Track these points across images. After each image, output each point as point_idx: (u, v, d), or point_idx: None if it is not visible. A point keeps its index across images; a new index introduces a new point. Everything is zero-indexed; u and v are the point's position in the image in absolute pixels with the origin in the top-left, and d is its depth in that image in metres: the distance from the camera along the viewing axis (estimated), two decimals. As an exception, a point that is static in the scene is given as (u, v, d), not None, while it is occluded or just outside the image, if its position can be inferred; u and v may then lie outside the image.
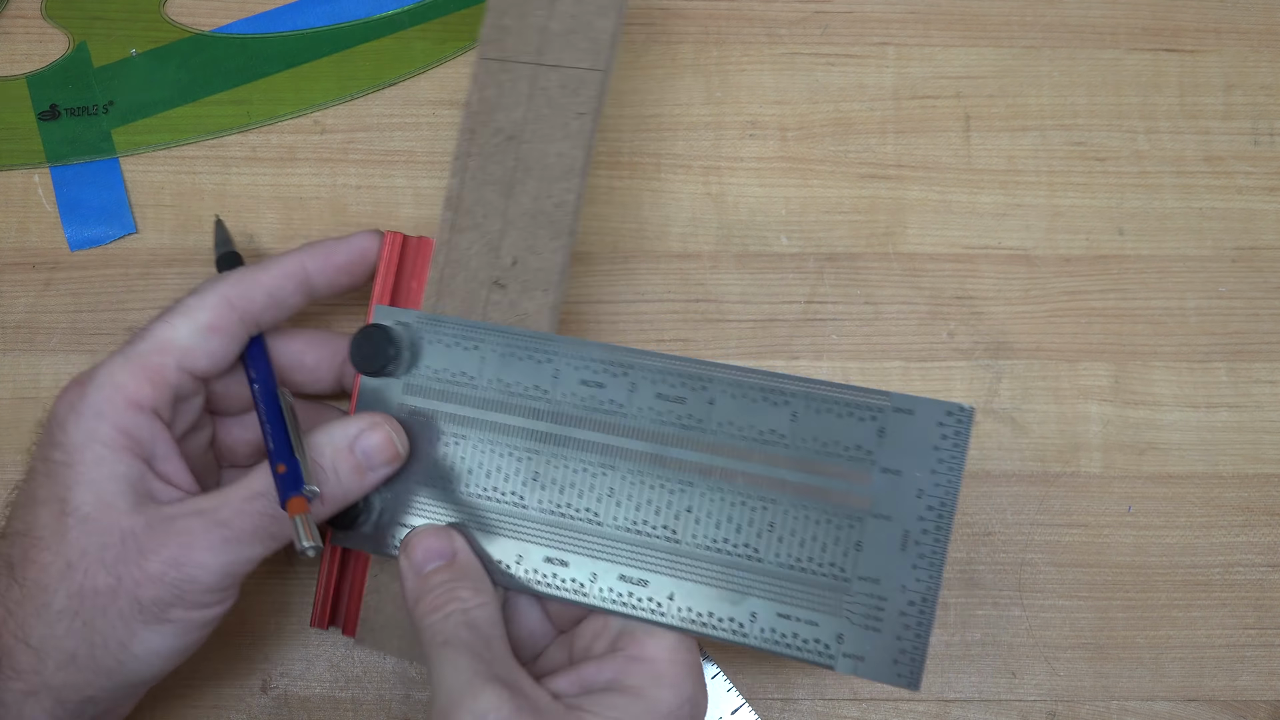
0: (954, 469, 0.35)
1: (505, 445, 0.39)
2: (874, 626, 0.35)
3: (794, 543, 0.36)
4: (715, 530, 0.37)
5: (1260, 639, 0.44)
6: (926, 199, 0.47)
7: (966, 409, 0.35)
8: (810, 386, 0.36)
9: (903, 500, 0.35)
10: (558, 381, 0.38)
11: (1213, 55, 0.48)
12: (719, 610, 0.36)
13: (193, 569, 0.35)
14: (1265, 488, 0.45)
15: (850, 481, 0.36)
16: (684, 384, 0.37)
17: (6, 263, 0.46)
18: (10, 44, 0.48)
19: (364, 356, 0.39)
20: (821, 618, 0.36)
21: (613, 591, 0.37)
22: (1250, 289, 0.47)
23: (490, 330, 0.39)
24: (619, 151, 0.47)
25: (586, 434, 0.38)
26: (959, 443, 0.35)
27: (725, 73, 0.48)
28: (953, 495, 0.35)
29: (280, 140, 0.47)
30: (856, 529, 0.35)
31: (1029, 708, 0.44)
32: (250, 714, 0.44)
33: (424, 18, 0.48)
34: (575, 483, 0.38)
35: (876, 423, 0.35)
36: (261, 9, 0.48)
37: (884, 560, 0.35)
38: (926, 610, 0.35)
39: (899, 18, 0.48)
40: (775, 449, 0.36)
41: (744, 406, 0.37)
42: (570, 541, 0.38)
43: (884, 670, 0.35)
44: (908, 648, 0.35)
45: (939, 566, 0.35)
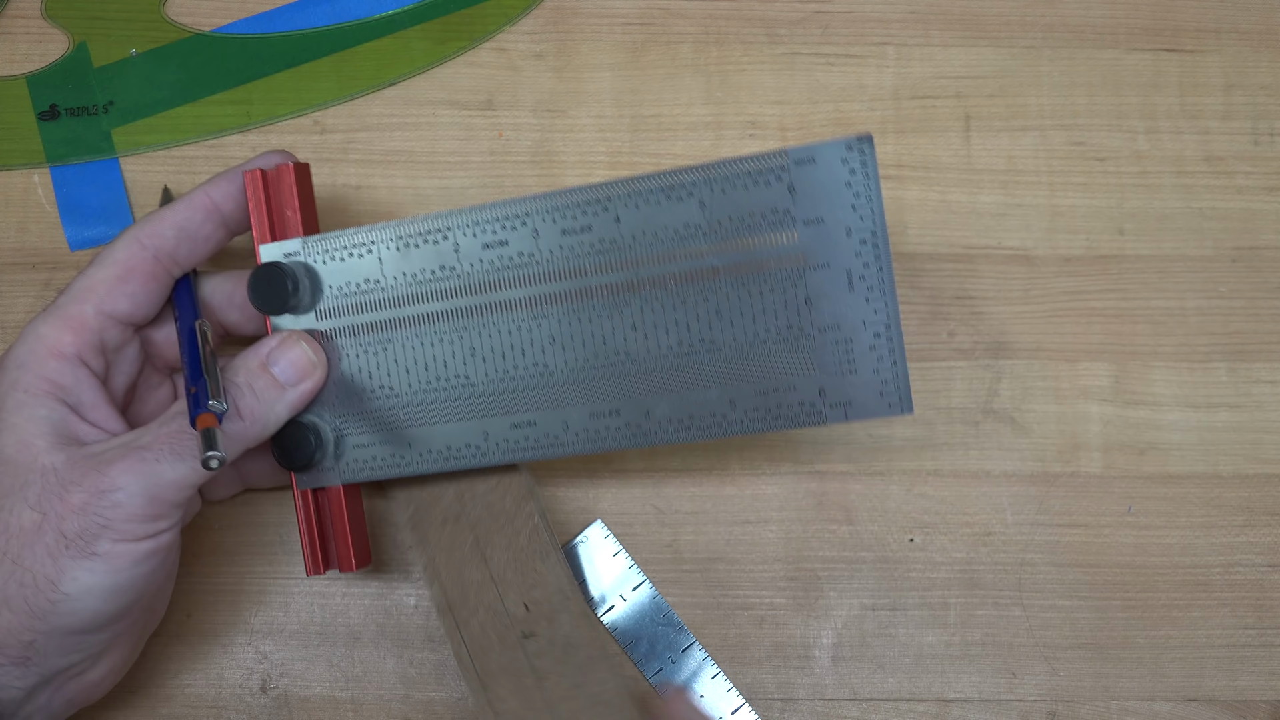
0: (872, 198, 0.35)
1: (433, 334, 0.39)
2: (849, 370, 0.36)
3: (745, 321, 0.36)
4: (665, 337, 0.37)
5: (1260, 639, 0.44)
6: (926, 199, 0.47)
7: (865, 137, 0.35)
8: (708, 171, 0.36)
9: (834, 244, 0.36)
10: (460, 254, 0.38)
11: (1213, 55, 0.48)
12: (697, 410, 0.37)
13: (114, 494, 0.35)
14: (1265, 488, 0.45)
15: (778, 245, 0.36)
16: (585, 212, 0.37)
17: (6, 263, 0.46)
18: (10, 44, 0.48)
19: (264, 299, 0.39)
20: (798, 380, 0.36)
21: (589, 430, 0.38)
22: (1250, 289, 0.47)
23: (377, 229, 0.39)
24: (619, 151, 0.47)
25: (507, 293, 0.38)
26: (869, 172, 0.35)
27: (725, 73, 0.48)
28: (881, 222, 0.35)
29: (280, 140, 0.47)
30: (800, 286, 0.36)
31: (1029, 708, 0.44)
32: (250, 714, 0.44)
33: (424, 18, 0.48)
34: (514, 344, 0.38)
35: (783, 182, 0.36)
36: (261, 9, 0.48)
37: (836, 305, 0.36)
38: (894, 337, 0.36)
39: (899, 18, 0.48)
40: (695, 242, 0.37)
41: (650, 213, 0.37)
42: (529, 400, 0.38)
43: (873, 406, 0.36)
44: (888, 377, 0.36)
45: (891, 292, 0.36)
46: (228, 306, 0.41)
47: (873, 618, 0.44)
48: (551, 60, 0.48)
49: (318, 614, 0.44)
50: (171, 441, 0.36)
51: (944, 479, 0.45)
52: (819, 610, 0.45)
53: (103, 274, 0.38)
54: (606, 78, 0.48)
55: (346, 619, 0.44)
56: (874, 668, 0.44)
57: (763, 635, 0.44)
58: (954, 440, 0.45)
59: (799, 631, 0.44)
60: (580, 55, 0.48)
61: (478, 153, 0.47)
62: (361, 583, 0.45)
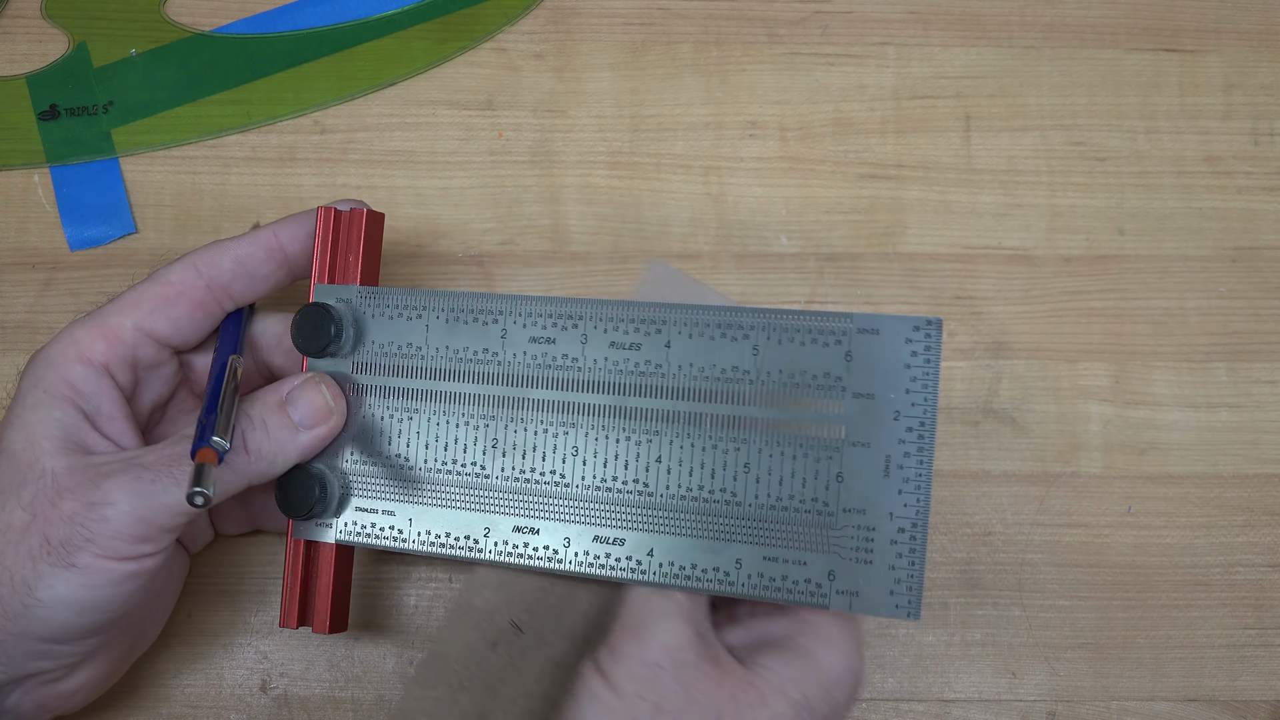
0: (929, 385, 0.33)
1: (460, 415, 0.38)
2: (865, 559, 0.34)
3: (772, 481, 0.35)
4: (688, 478, 0.35)
5: (1260, 639, 0.44)
6: (926, 199, 0.47)
7: (934, 321, 0.34)
8: (769, 318, 0.35)
9: (879, 424, 0.34)
10: (506, 342, 0.37)
11: (1213, 55, 0.48)
12: (702, 561, 0.35)
13: (104, 508, 0.34)
14: (1265, 488, 0.45)
15: (822, 411, 0.34)
16: (637, 329, 0.36)
17: (6, 263, 0.46)
18: (10, 44, 0.48)
19: (305, 337, 0.38)
20: (810, 556, 0.34)
21: (589, 555, 0.36)
22: (1250, 289, 0.47)
23: (431, 296, 0.38)
24: (619, 151, 0.47)
25: (542, 393, 0.37)
26: (930, 357, 0.33)
27: (725, 73, 0.48)
28: (931, 413, 0.33)
29: (280, 140, 0.47)
30: (835, 460, 0.34)
31: (1029, 708, 0.44)
32: (250, 714, 0.44)
33: (424, 18, 0.48)
34: (537, 445, 0.37)
35: (842, 347, 0.34)
36: (261, 9, 0.48)
37: (868, 489, 0.34)
38: (918, 536, 0.33)
39: (899, 18, 0.48)
40: (740, 386, 0.35)
41: (701, 346, 0.35)
42: (538, 507, 0.37)
43: (881, 603, 0.33)
44: (903, 577, 0.33)
45: (926, 489, 0.33)
46: (275, 349, 0.41)
47: (872, 617, 0.44)
48: (551, 60, 0.48)
49: (318, 614, 0.44)
50: (172, 465, 0.35)
51: (944, 479, 0.45)
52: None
53: (151, 291, 0.38)
54: (606, 78, 0.48)
55: (346, 619, 0.44)
56: (874, 668, 0.44)
57: (763, 635, 0.44)
58: (954, 440, 0.45)
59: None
60: (580, 55, 0.48)
61: (478, 153, 0.47)
62: (361, 583, 0.45)
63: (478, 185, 0.47)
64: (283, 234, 0.39)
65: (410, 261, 0.46)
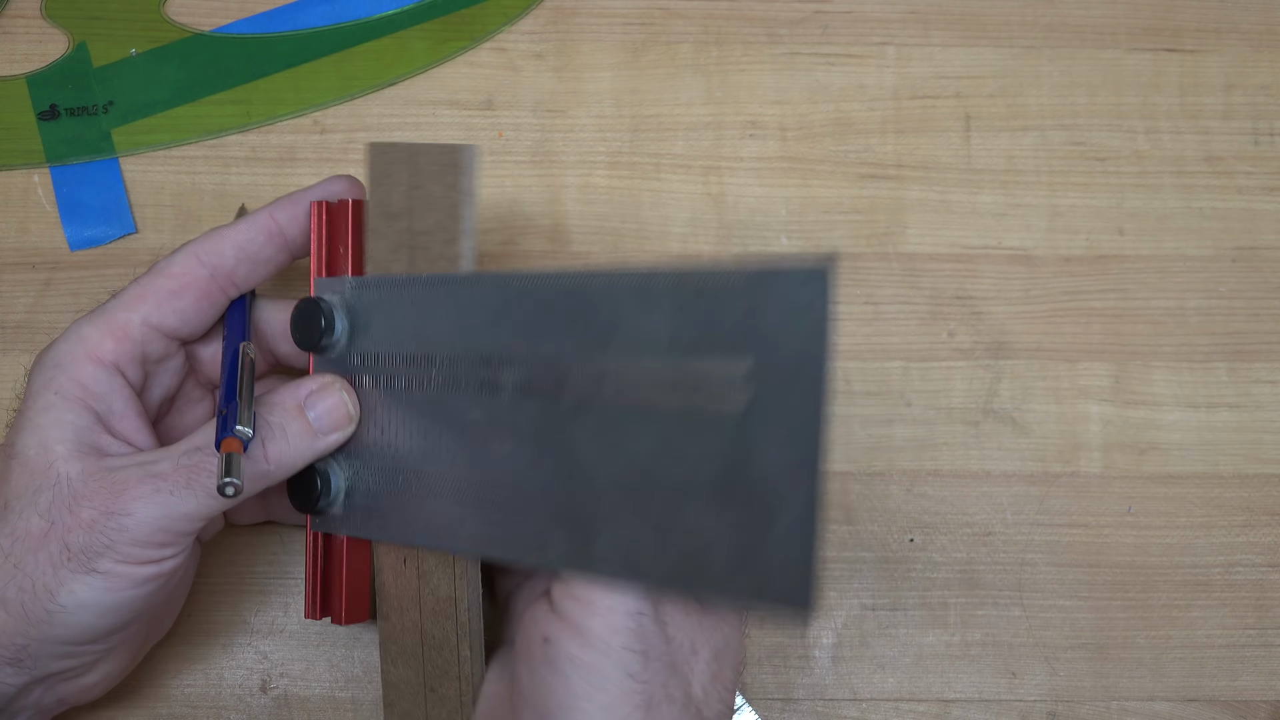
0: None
1: (473, 404, 0.36)
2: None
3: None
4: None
5: (1260, 639, 0.44)
6: (926, 199, 0.47)
7: (819, 270, 0.29)
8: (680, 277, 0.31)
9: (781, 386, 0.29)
10: (506, 324, 0.35)
11: (1213, 55, 0.48)
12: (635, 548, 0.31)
13: (122, 518, 0.34)
14: (1265, 488, 0.45)
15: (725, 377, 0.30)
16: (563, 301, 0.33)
17: (6, 263, 0.46)
18: (10, 44, 0.48)
19: (301, 332, 0.38)
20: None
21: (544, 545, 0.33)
22: (1250, 289, 0.47)
23: (421, 283, 0.37)
24: (619, 151, 0.47)
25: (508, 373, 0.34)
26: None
27: (725, 73, 0.48)
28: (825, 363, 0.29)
29: (280, 140, 0.47)
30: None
31: (1029, 708, 0.44)
32: (250, 714, 0.44)
33: (424, 18, 0.48)
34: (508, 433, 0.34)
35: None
36: (261, 9, 0.48)
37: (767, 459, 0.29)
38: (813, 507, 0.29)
39: (899, 18, 0.48)
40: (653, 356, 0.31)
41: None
42: (502, 499, 0.35)
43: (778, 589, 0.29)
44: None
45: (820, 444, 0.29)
46: (279, 336, 0.40)
47: (873, 618, 0.44)
48: (551, 60, 0.48)
49: (318, 614, 0.44)
50: (189, 473, 0.35)
51: (944, 479, 0.45)
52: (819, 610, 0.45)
53: (155, 284, 0.38)
54: (606, 78, 0.48)
55: (346, 619, 0.44)
56: (874, 668, 0.44)
57: (763, 635, 0.44)
58: (954, 440, 0.45)
59: (799, 631, 0.44)
60: (580, 55, 0.48)
61: (478, 153, 0.47)
62: (361, 583, 0.45)
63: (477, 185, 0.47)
64: (280, 216, 0.39)
65: (410, 261, 0.46)
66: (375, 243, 0.38)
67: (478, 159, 0.37)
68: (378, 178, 0.38)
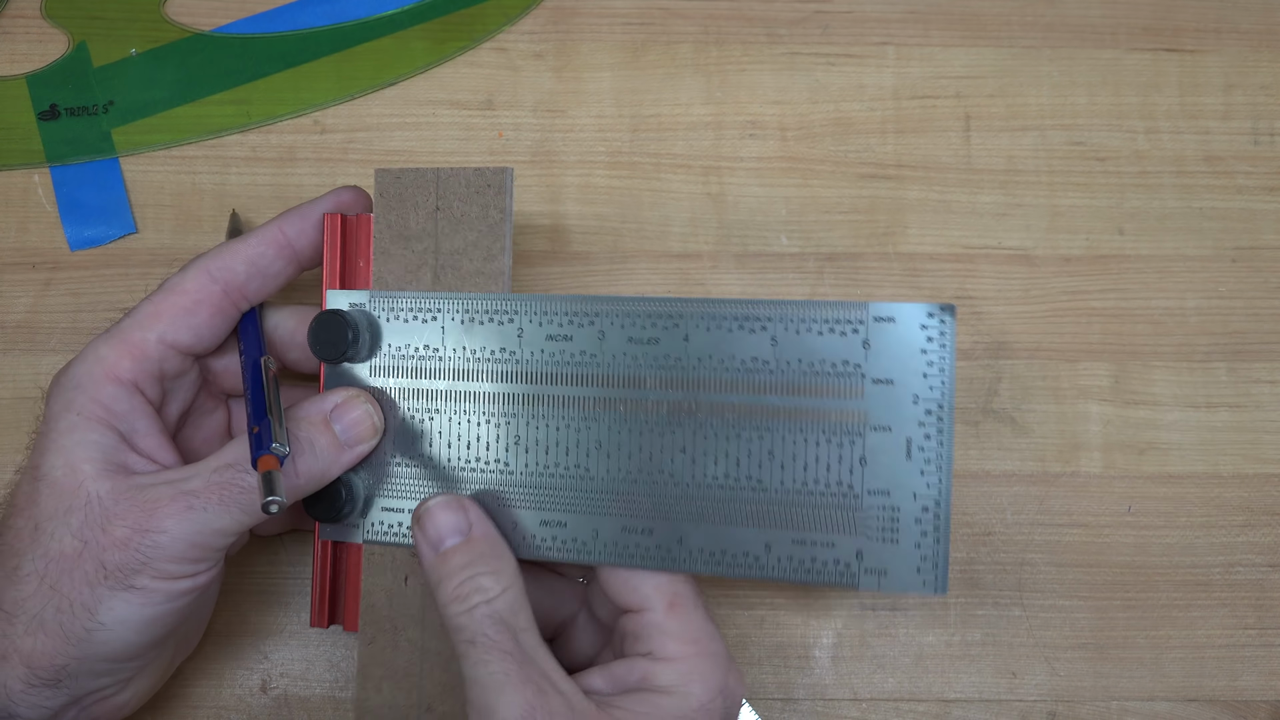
0: (945, 369, 0.34)
1: (481, 414, 0.38)
2: (891, 539, 0.35)
3: (797, 467, 0.35)
4: (714, 466, 0.36)
5: (1260, 639, 0.44)
6: (926, 199, 0.47)
7: (948, 307, 0.34)
8: (786, 309, 0.35)
9: (899, 408, 0.35)
10: (523, 341, 0.38)
11: (1213, 55, 0.48)
12: (731, 547, 0.36)
13: (157, 535, 0.35)
14: (1265, 488, 0.45)
15: (843, 398, 0.35)
16: (654, 324, 0.36)
17: (6, 263, 0.46)
18: (10, 44, 0.48)
19: (323, 344, 0.38)
20: (837, 538, 0.35)
21: (617, 545, 0.36)
22: (1250, 289, 0.47)
23: (446, 298, 0.38)
24: (619, 151, 0.47)
25: (562, 389, 0.37)
26: (945, 342, 0.34)
27: (725, 73, 0.48)
28: (949, 395, 0.34)
29: (280, 140, 0.47)
30: (858, 444, 0.35)
31: (1029, 708, 0.44)
32: (250, 714, 0.44)
33: (424, 18, 0.48)
34: (560, 440, 0.37)
35: (859, 335, 0.35)
36: (261, 9, 0.48)
37: (891, 471, 0.35)
38: (941, 514, 0.34)
39: (899, 18, 0.48)
40: (760, 376, 0.36)
41: (720, 338, 0.36)
42: (564, 500, 0.37)
43: (908, 580, 0.34)
44: (928, 554, 0.34)
45: (948, 468, 0.34)
46: (289, 344, 0.41)
47: (873, 618, 0.44)
48: (551, 60, 0.48)
49: (318, 614, 0.44)
50: (221, 491, 0.35)
51: (944, 479, 0.45)
52: (819, 610, 0.45)
53: (169, 302, 0.38)
54: (606, 78, 0.48)
55: (346, 619, 0.44)
56: (874, 668, 0.44)
57: (763, 635, 0.44)
58: (954, 440, 0.45)
59: (799, 631, 0.44)
60: (580, 55, 0.48)
61: (478, 153, 0.47)
62: (361, 583, 0.45)
63: (478, 185, 0.47)
64: (289, 229, 0.39)
65: (410, 261, 0.46)
66: (384, 265, 0.39)
67: (513, 180, 0.39)
68: (389, 202, 0.39)
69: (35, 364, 0.45)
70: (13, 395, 0.45)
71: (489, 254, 0.38)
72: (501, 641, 0.34)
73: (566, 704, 0.34)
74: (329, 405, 0.38)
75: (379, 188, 0.39)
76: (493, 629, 0.34)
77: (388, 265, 0.39)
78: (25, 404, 0.45)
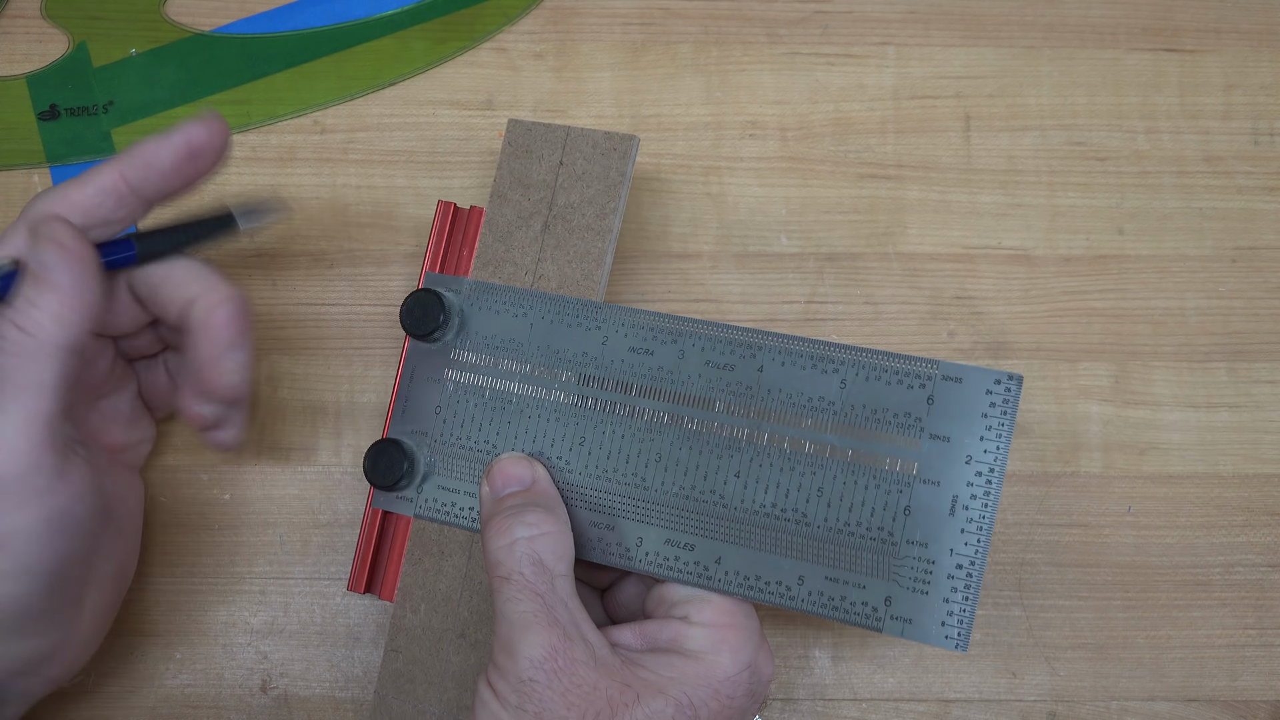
0: (1003, 435, 0.35)
1: (551, 410, 0.39)
2: (922, 590, 0.35)
3: (843, 507, 0.36)
4: (764, 495, 0.37)
5: (1260, 639, 0.44)
6: (926, 199, 0.47)
7: (1015, 376, 0.35)
8: (859, 355, 0.37)
9: (951, 466, 0.36)
10: (606, 348, 0.39)
11: (1213, 55, 0.48)
12: (766, 574, 0.37)
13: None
14: (1265, 488, 0.45)
15: (899, 447, 0.36)
16: (733, 351, 0.38)
17: (6, 263, 0.46)
18: (10, 44, 0.48)
19: (414, 320, 0.40)
20: (869, 581, 0.36)
21: (659, 555, 0.37)
22: (1250, 289, 0.47)
23: (540, 298, 0.40)
24: (619, 151, 0.47)
25: (634, 400, 0.38)
26: (1008, 410, 0.35)
27: (725, 73, 0.48)
28: (1002, 461, 0.35)
29: (280, 140, 0.47)
30: (905, 493, 0.36)
31: (1029, 708, 0.44)
32: (250, 714, 0.44)
33: (424, 18, 0.48)
34: (622, 448, 0.38)
35: (925, 390, 0.36)
36: (261, 9, 0.48)
37: (932, 525, 0.36)
38: (974, 574, 0.35)
39: (899, 18, 0.48)
40: (824, 415, 0.37)
41: (792, 374, 0.37)
42: (616, 505, 0.38)
43: (931, 633, 0.35)
44: (955, 610, 0.35)
45: (988, 531, 0.35)
46: (159, 294, 0.38)
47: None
48: (551, 60, 0.48)
49: (318, 614, 0.44)
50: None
51: (944, 479, 0.45)
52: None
53: None
54: (606, 78, 0.48)
55: (346, 619, 0.44)
56: (874, 668, 0.44)
57: (763, 635, 0.44)
58: (954, 440, 0.45)
59: (799, 631, 0.44)
60: (580, 55, 0.48)
61: (478, 153, 0.47)
62: (361, 583, 0.45)
63: (478, 185, 0.47)
64: (131, 175, 0.36)
65: (411, 261, 0.46)
66: (498, 209, 0.41)
67: (638, 149, 0.41)
68: (515, 150, 0.41)
69: (35, 364, 0.45)
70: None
71: (602, 211, 0.40)
72: (535, 582, 0.34)
73: (590, 652, 0.34)
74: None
75: (509, 135, 0.41)
76: (529, 568, 0.35)
77: (501, 210, 0.41)
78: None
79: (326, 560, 0.45)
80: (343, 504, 0.45)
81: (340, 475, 0.45)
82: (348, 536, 0.45)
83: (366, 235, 0.47)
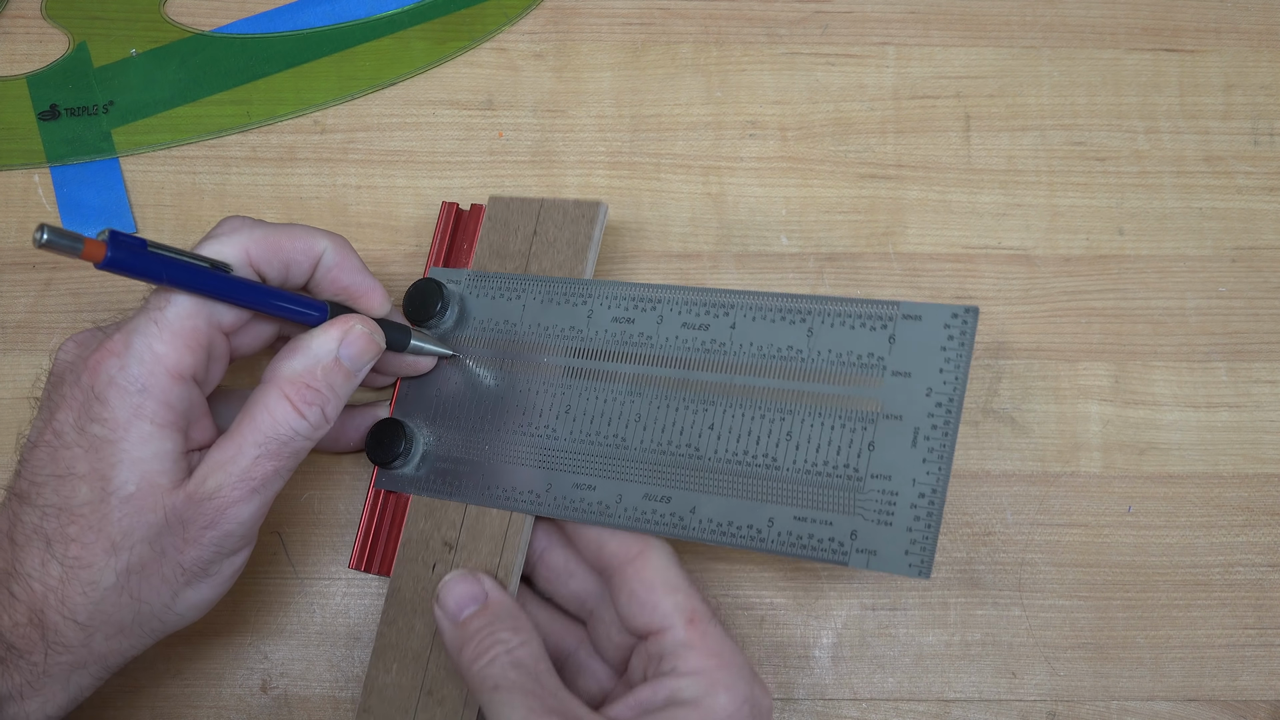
0: (960, 365, 0.36)
1: (541, 383, 0.41)
2: (886, 521, 0.36)
3: (810, 449, 0.37)
4: (735, 444, 0.38)
5: (1260, 639, 0.44)
6: (926, 199, 0.47)
7: (972, 309, 0.36)
8: (825, 304, 0.38)
9: (912, 399, 0.36)
10: (591, 321, 0.41)
11: (1213, 55, 0.48)
12: (738, 519, 0.38)
13: (229, 525, 0.36)
14: (1265, 488, 0.45)
15: (863, 387, 0.37)
16: (707, 312, 0.39)
17: (6, 263, 0.46)
18: (10, 44, 0.48)
19: (415, 307, 0.42)
20: (835, 517, 0.37)
21: (637, 510, 0.39)
22: (1250, 289, 0.47)
23: (531, 280, 0.42)
24: (619, 151, 0.47)
25: (616, 366, 0.40)
26: (965, 340, 0.36)
27: (725, 73, 0.48)
28: (960, 390, 0.36)
29: (280, 140, 0.47)
30: (869, 430, 0.37)
31: (1029, 708, 0.44)
32: (250, 714, 0.44)
33: (424, 18, 0.48)
34: (604, 411, 0.40)
35: (887, 330, 0.37)
36: (261, 9, 0.48)
37: (895, 457, 0.36)
38: (936, 501, 0.36)
39: (899, 18, 0.48)
40: (792, 364, 0.38)
41: (763, 328, 0.39)
42: (598, 466, 0.40)
43: (895, 562, 0.36)
44: (918, 538, 0.36)
45: (948, 458, 0.36)
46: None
47: (872, 618, 0.44)
48: (551, 60, 0.48)
49: (318, 614, 0.44)
50: (274, 461, 0.37)
51: (944, 479, 0.45)
52: (819, 610, 0.45)
53: None
54: (606, 78, 0.48)
55: (346, 619, 0.44)
56: (874, 668, 0.44)
57: (763, 635, 0.44)
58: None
59: (799, 631, 0.44)
60: (580, 55, 0.48)
61: (478, 153, 0.47)
62: (361, 583, 0.45)
63: (478, 185, 0.47)
64: (328, 256, 0.39)
65: (411, 261, 0.46)
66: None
67: (606, 213, 0.43)
68: (495, 225, 0.43)
69: (35, 364, 0.45)
70: (12, 395, 0.45)
71: (571, 273, 0.42)
72: (525, 683, 0.35)
73: None
74: (333, 345, 0.38)
75: (490, 211, 0.44)
76: (515, 673, 0.35)
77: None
78: (25, 404, 0.45)
79: (326, 560, 0.45)
80: (343, 504, 0.45)
81: (340, 475, 0.45)
82: (348, 537, 0.45)
83: (366, 235, 0.47)
